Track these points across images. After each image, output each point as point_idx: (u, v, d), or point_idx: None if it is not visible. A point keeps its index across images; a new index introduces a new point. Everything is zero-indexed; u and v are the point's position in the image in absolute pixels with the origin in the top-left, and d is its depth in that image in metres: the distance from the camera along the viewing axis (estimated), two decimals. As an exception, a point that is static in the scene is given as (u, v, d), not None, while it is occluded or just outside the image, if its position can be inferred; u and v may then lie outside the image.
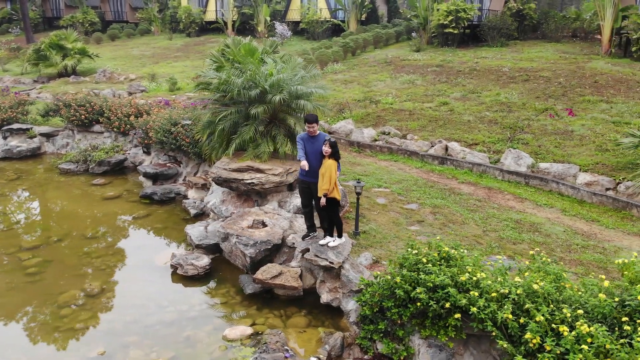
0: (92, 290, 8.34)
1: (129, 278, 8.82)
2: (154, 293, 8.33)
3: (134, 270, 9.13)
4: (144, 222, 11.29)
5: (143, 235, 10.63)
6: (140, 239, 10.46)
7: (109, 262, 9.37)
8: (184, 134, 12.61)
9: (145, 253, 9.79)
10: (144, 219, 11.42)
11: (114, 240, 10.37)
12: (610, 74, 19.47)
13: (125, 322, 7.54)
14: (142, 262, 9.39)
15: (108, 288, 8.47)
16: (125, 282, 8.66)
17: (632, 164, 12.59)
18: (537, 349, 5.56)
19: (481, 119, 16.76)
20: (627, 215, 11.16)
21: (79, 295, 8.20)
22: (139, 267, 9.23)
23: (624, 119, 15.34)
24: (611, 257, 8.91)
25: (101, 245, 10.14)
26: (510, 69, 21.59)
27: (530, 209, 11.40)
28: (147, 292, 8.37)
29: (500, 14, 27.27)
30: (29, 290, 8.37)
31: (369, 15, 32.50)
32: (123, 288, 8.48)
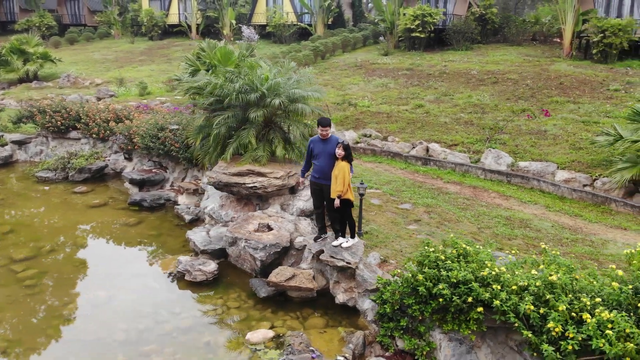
0: (98, 299, 8.15)
1: (134, 286, 8.65)
2: (164, 300, 8.21)
3: (137, 278, 8.95)
4: (137, 229, 11.07)
5: (139, 242, 10.42)
6: (137, 246, 10.25)
7: (109, 271, 9.17)
8: (172, 139, 12.44)
9: (145, 260, 9.62)
10: (136, 227, 11.20)
11: (110, 249, 10.13)
12: (574, 76, 20.47)
13: (139, 330, 7.41)
14: (144, 270, 9.23)
15: (114, 297, 8.28)
16: (131, 291, 8.49)
17: (606, 161, 13.31)
18: (558, 337, 5.86)
19: (457, 120, 17.29)
20: (606, 209, 11.80)
21: (85, 306, 7.99)
22: (143, 274, 9.07)
23: (592, 118, 16.18)
24: (600, 249, 9.43)
25: (97, 254, 9.89)
26: (478, 72, 22.33)
27: (517, 206, 11.88)
28: (156, 299, 8.24)
29: (464, 18, 28.18)
30: (30, 303, 8.09)
31: (335, 19, 32.85)
32: (130, 296, 8.31)
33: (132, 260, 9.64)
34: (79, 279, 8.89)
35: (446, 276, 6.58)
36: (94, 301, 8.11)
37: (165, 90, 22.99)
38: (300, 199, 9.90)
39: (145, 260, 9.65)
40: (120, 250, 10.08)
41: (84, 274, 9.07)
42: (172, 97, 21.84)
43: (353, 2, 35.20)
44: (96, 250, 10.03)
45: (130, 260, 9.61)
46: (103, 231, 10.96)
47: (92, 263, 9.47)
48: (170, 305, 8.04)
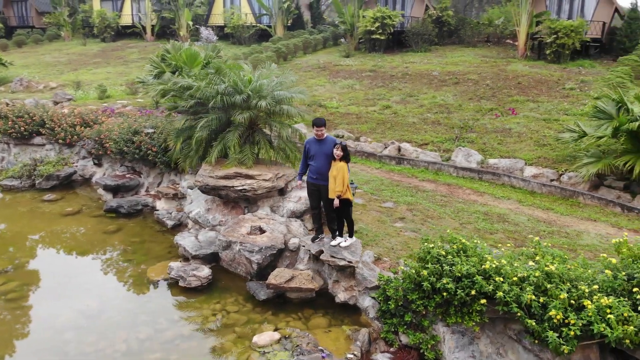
0: (91, 310, 7.89)
1: (125, 294, 8.43)
2: (160, 307, 8.05)
3: (127, 286, 8.72)
4: (117, 237, 10.76)
5: (122, 250, 10.13)
6: (121, 254, 9.97)
7: (96, 280, 8.89)
8: (148, 142, 12.15)
9: (132, 268, 9.37)
10: (116, 234, 10.89)
11: (92, 257, 9.81)
12: (531, 76, 21.40)
13: (140, 340, 7.24)
14: (133, 278, 8.99)
15: (107, 306, 8.04)
16: (123, 299, 8.27)
17: (570, 156, 14.03)
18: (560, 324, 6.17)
19: (424, 120, 17.74)
20: (574, 202, 12.44)
21: (78, 317, 7.72)
22: (132, 282, 8.83)
23: (553, 116, 16.99)
24: (576, 240, 9.94)
25: (79, 263, 9.57)
26: (439, 73, 22.97)
27: (491, 202, 12.33)
28: (151, 307, 8.07)
29: (422, 20, 28.88)
30: (18, 317, 7.74)
31: (294, 20, 32.92)
32: (123, 305, 8.10)
33: (118, 268, 9.37)
34: (65, 290, 8.56)
35: (449, 270, 6.80)
36: (87, 312, 7.84)
37: (125, 93, 22.35)
38: (290, 200, 9.91)
39: (132, 267, 9.40)
40: (104, 258, 9.77)
41: (70, 285, 8.74)
42: (133, 100, 21.28)
43: (311, 4, 35.38)
44: (78, 260, 9.69)
45: (116, 269, 9.33)
46: (82, 240, 10.59)
47: (76, 273, 9.15)
48: (167, 313, 7.89)
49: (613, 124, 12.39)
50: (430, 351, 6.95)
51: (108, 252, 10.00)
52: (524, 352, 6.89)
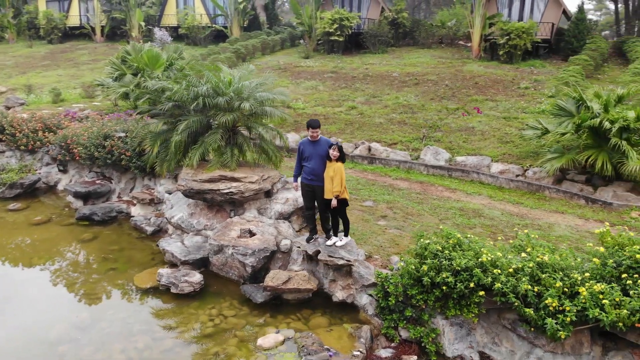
0: (83, 322, 7.61)
1: (116, 304, 8.17)
2: (153, 316, 7.86)
3: (116, 295, 8.46)
4: (95, 245, 10.39)
5: (103, 259, 9.80)
6: (102, 263, 9.64)
7: (82, 291, 8.56)
8: (121, 147, 11.79)
9: (118, 277, 9.09)
10: (93, 242, 10.52)
11: (73, 267, 9.43)
12: (486, 76, 22.24)
13: (138, 349, 7.05)
14: (121, 286, 8.72)
15: (99, 317, 7.77)
16: (115, 309, 8.01)
17: (532, 152, 14.70)
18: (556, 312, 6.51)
19: (391, 120, 18.10)
20: (541, 196, 13.06)
21: (71, 330, 7.42)
22: (121, 291, 8.57)
23: (512, 114, 17.73)
24: (549, 232, 10.43)
25: (60, 274, 9.17)
26: (399, 74, 23.47)
27: (464, 198, 12.76)
28: (144, 315, 7.87)
29: (378, 22, 29.40)
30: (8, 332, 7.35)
31: (250, 21, 32.69)
32: (116, 315, 7.85)
33: (102, 278, 9.06)
34: (52, 302, 8.22)
35: (448, 265, 7.02)
36: (79, 324, 7.55)
37: (81, 96, 21.54)
38: (277, 202, 9.90)
39: (117, 276, 9.11)
40: (85, 268, 9.42)
41: (55, 297, 8.39)
42: (90, 104, 20.55)
43: (266, 5, 35.25)
44: (58, 271, 9.29)
45: (101, 279, 9.02)
46: (57, 250, 10.16)
47: (60, 284, 8.78)
48: (162, 320, 7.72)
49: (573, 120, 13.08)
50: (431, 344, 7.14)
51: (88, 262, 9.65)
52: (518, 340, 7.21)
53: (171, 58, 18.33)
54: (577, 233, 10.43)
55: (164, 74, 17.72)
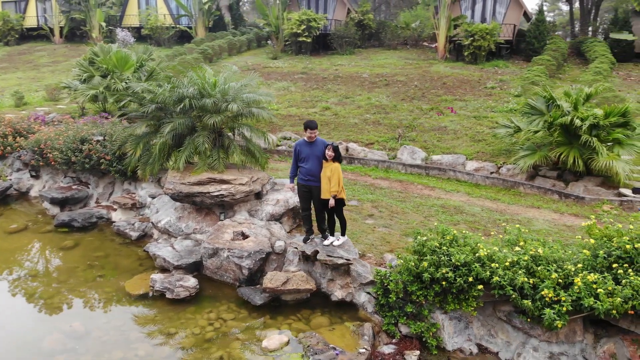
0: (77, 332, 7.38)
1: (109, 312, 7.96)
2: (150, 322, 7.70)
3: (109, 303, 8.24)
4: (78, 252, 10.08)
5: (89, 266, 9.52)
6: (88, 270, 9.36)
7: (72, 300, 8.30)
8: (101, 150, 11.47)
9: (108, 283, 8.86)
10: (76, 249, 10.20)
11: (60, 276, 9.11)
12: (453, 76, 22.79)
13: (139, 357, 6.91)
14: (113, 294, 8.50)
15: (94, 326, 7.56)
16: (109, 317, 7.81)
17: (505, 150, 15.19)
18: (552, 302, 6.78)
19: (365, 121, 18.31)
20: (516, 192, 13.51)
21: (65, 340, 7.19)
22: (113, 299, 8.35)
23: (481, 113, 18.25)
24: (529, 226, 10.75)
25: (46, 283, 8.86)
26: (369, 75, 23.75)
27: (444, 195, 13.07)
28: (141, 322, 7.70)
29: (344, 23, 29.64)
30: None
31: (215, 22, 32.33)
32: (111, 323, 7.65)
33: (91, 285, 8.80)
34: (40, 312, 7.93)
35: (447, 260, 7.20)
36: (73, 333, 7.32)
37: (44, 99, 20.80)
38: (268, 203, 9.87)
39: (107, 283, 8.88)
40: (71, 276, 9.12)
41: (43, 306, 8.09)
42: (55, 107, 19.88)
43: (231, 5, 34.92)
44: (42, 279, 8.97)
45: (90, 286, 8.77)
46: (39, 258, 9.81)
47: (46, 293, 8.48)
48: (160, 326, 7.58)
49: (544, 119, 13.60)
50: (432, 338, 7.30)
51: (73, 270, 9.35)
52: (513, 331, 7.48)
53: (141, 59, 17.94)
54: (555, 227, 10.85)
55: (134, 76, 17.35)
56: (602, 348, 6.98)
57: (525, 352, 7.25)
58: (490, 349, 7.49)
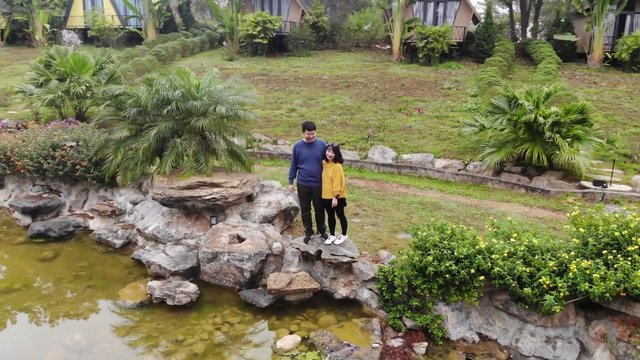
0: (79, 345, 7.12)
1: (109, 322, 7.68)
2: (155, 330, 7.52)
3: (107, 313, 7.96)
4: (60, 263, 9.66)
5: (75, 277, 9.13)
6: (76, 281, 8.98)
7: (68, 312, 7.96)
8: (76, 156, 11.03)
9: (100, 293, 8.56)
10: (57, 260, 9.76)
11: (47, 288, 8.70)
12: (410, 78, 23.45)
13: (151, 366, 6.77)
14: (108, 304, 8.21)
15: (95, 338, 7.30)
16: (110, 328, 7.55)
17: (469, 148, 15.86)
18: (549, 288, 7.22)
19: (333, 122, 18.56)
20: (485, 187, 14.15)
21: (67, 355, 6.91)
22: (110, 309, 8.08)
23: (442, 113, 18.93)
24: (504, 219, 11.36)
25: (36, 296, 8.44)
26: (329, 77, 24.02)
27: (419, 192, 13.50)
28: (145, 331, 7.51)
29: (299, 25, 29.80)
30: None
31: (166, 23, 31.59)
32: (113, 334, 7.42)
33: (83, 296, 8.47)
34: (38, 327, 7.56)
35: (450, 254, 7.50)
36: (75, 347, 7.05)
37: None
38: (260, 205, 9.85)
39: (99, 293, 8.58)
40: (60, 288, 8.73)
41: (39, 321, 7.73)
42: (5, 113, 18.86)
43: (180, 7, 34.22)
44: (30, 293, 8.53)
45: (82, 297, 8.43)
46: (20, 271, 9.31)
47: (38, 307, 8.09)
48: (166, 334, 7.43)
49: (507, 117, 14.33)
50: (438, 329, 7.59)
51: (60, 281, 8.95)
52: (509, 319, 7.89)
53: (100, 61, 17.34)
54: (528, 219, 11.48)
55: (94, 79, 16.78)
56: (594, 329, 7.50)
57: (523, 338, 7.67)
58: (490, 336, 7.86)
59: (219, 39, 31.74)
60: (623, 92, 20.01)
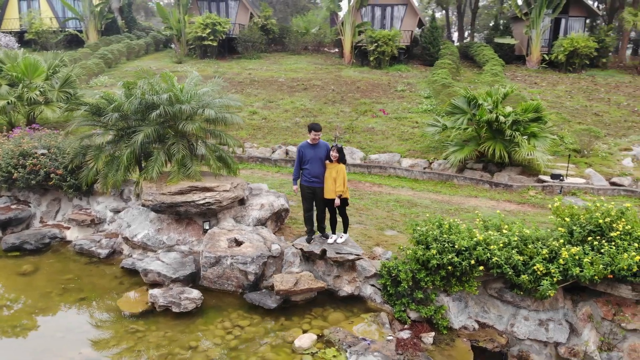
0: (89, 358, 6.88)
1: (114, 334, 7.44)
2: (164, 339, 7.37)
3: (109, 324, 7.70)
4: (43, 276, 9.20)
5: (63, 290, 8.73)
6: (66, 294, 8.58)
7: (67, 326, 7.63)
8: (49, 165, 10.52)
9: (96, 305, 8.25)
10: (39, 274, 9.29)
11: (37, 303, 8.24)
12: (365, 80, 24.02)
13: (171, 374, 6.66)
14: (108, 315, 7.94)
15: (105, 351, 7.06)
16: (116, 339, 7.29)
17: (432, 147, 16.52)
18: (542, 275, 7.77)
19: (296, 124, 18.71)
20: (452, 184, 14.81)
21: (80, 367, 6.69)
22: (112, 320, 7.82)
23: (400, 114, 19.58)
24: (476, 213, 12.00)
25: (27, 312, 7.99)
26: (285, 79, 24.14)
27: (392, 191, 13.95)
28: (153, 340, 7.33)
29: (248, 27, 29.70)
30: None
31: (108, 25, 30.44)
32: (121, 345, 7.21)
33: (78, 309, 8.13)
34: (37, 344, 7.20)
35: (451, 247, 7.90)
36: (86, 360, 6.82)
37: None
38: (253, 208, 9.85)
39: (96, 305, 8.27)
40: (50, 302, 8.31)
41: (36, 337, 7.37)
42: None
43: (122, 8, 33.08)
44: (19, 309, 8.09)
45: (77, 310, 8.09)
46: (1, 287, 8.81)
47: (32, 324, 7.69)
48: (177, 342, 7.31)
49: (467, 117, 15.10)
50: (442, 319, 7.96)
51: (48, 295, 8.53)
52: (503, 305, 8.40)
53: (54, 65, 16.56)
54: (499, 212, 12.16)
55: (47, 84, 16.03)
56: (581, 311, 8.14)
57: (518, 322, 8.19)
58: (487, 323, 8.33)
59: (164, 42, 31.00)
60: (563, 92, 21.54)
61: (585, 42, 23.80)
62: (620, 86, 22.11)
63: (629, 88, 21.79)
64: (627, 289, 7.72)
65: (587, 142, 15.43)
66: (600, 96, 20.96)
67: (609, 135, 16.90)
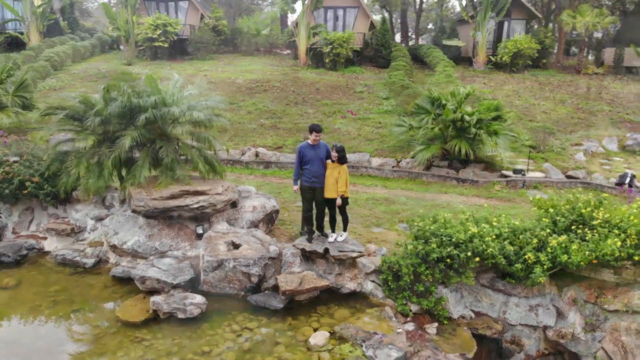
0: (100, 369, 6.67)
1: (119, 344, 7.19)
2: (173, 346, 7.23)
3: (112, 335, 7.42)
4: (27, 290, 8.73)
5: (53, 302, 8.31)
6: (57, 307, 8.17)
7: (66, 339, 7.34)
8: (24, 172, 9.99)
9: (92, 316, 7.96)
10: (22, 287, 8.81)
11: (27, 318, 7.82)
12: (323, 82, 24.29)
13: (191, 381, 6.58)
14: (108, 325, 7.68)
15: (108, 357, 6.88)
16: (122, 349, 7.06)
17: (399, 146, 17.01)
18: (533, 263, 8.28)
19: (262, 126, 18.69)
20: (421, 182, 15.33)
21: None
22: (113, 330, 7.55)
23: (362, 115, 20.00)
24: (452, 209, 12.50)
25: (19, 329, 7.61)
26: (243, 80, 23.99)
27: (367, 189, 14.27)
28: (163, 348, 7.17)
29: (199, 28, 29.22)
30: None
31: (50, 27, 28.92)
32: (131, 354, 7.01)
33: (74, 321, 7.80)
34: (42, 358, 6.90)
35: (449, 240, 8.25)
36: (98, 372, 6.59)
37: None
38: (246, 210, 9.79)
39: (90, 316, 7.98)
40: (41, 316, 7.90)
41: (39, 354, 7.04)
42: None
43: (63, 9, 31.53)
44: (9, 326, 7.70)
45: (73, 323, 7.75)
46: (-17, 303, 8.31)
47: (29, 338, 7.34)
48: (189, 348, 7.19)
49: (431, 117, 15.68)
50: (442, 310, 8.30)
51: (37, 309, 8.11)
52: (494, 294, 8.86)
53: (7, 69, 15.66)
54: (471, 207, 12.75)
55: (1, 88, 15.17)
56: (566, 295, 8.74)
57: (509, 309, 8.69)
58: (481, 311, 8.76)
59: (110, 43, 29.94)
60: (511, 91, 22.74)
61: (529, 44, 25.23)
62: (562, 85, 23.64)
63: (570, 87, 23.35)
64: (609, 272, 8.38)
65: (542, 139, 16.42)
66: (545, 95, 22.32)
67: (560, 131, 18.06)
